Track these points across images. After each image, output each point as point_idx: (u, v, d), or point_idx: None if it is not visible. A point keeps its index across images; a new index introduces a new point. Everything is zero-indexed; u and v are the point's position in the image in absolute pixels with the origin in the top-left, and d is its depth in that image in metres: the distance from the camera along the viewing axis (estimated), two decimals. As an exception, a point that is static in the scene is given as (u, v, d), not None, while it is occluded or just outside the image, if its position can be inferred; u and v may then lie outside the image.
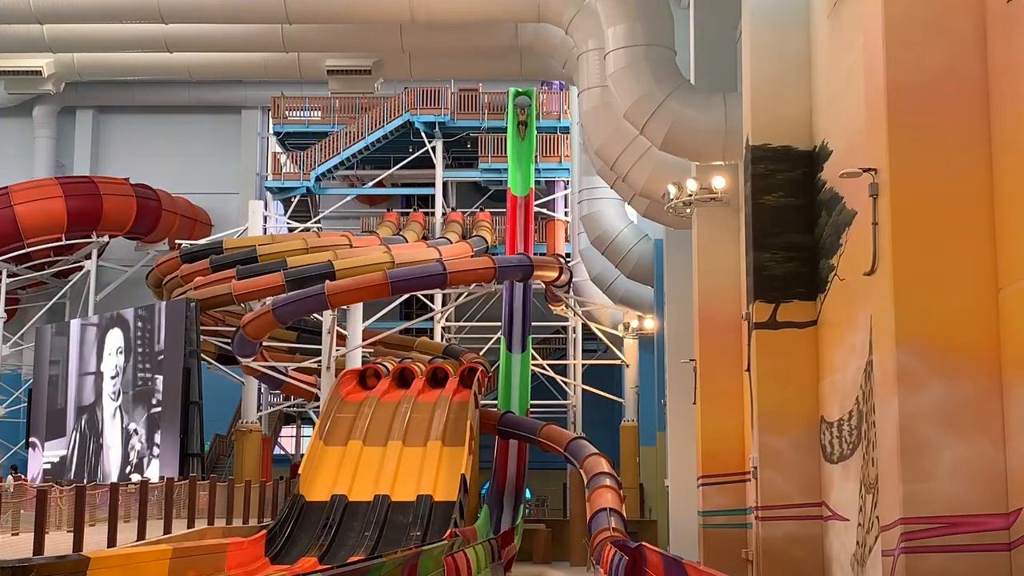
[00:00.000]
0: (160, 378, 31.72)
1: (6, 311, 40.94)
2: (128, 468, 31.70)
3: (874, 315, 11.07)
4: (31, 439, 36.16)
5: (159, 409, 31.51)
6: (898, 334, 10.03)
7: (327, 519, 23.90)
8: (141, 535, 18.10)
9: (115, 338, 33.68)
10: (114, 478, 30.30)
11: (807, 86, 15.85)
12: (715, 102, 19.66)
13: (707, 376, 20.35)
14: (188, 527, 20.47)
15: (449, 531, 21.64)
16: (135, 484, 20.47)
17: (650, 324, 32.94)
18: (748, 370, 16.29)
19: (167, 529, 19.34)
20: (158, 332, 32.22)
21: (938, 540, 9.72)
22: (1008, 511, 9.62)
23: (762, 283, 15.34)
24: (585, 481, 26.66)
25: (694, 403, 21.21)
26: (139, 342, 32.95)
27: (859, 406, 13.15)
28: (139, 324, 33.05)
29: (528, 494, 36.94)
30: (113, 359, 33.39)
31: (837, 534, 14.20)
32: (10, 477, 26.53)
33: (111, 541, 16.90)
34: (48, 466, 34.53)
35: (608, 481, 25.76)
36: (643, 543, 17.57)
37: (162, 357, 31.80)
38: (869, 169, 10.80)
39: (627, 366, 37.89)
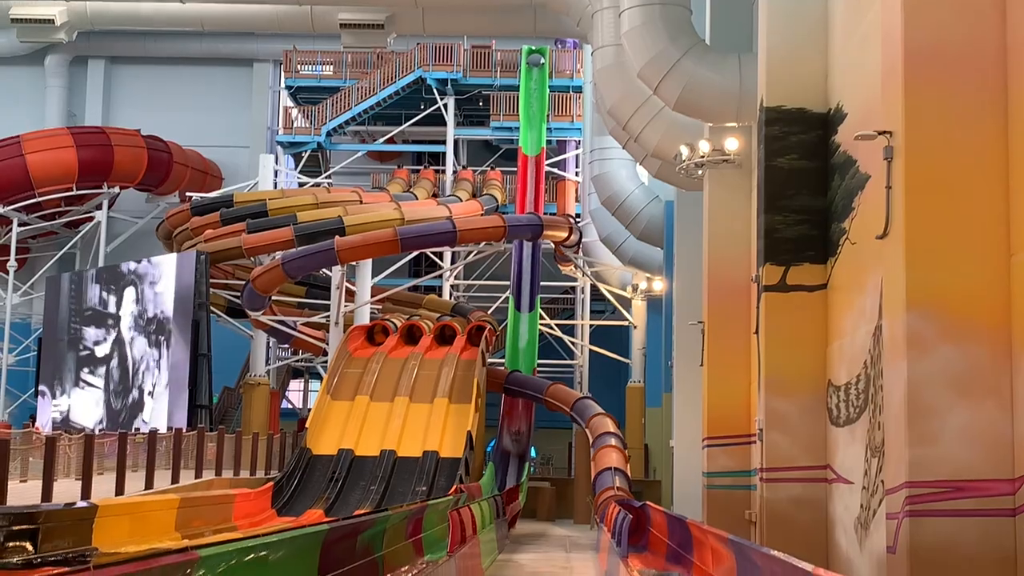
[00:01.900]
0: (170, 330, 31.88)
1: (16, 260, 41.06)
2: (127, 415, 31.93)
3: (885, 279, 11.04)
4: (40, 388, 36.40)
5: (168, 359, 31.69)
6: (909, 298, 10.01)
7: (333, 472, 24.05)
8: (149, 484, 18.24)
9: (129, 289, 33.84)
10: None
11: (823, 48, 15.73)
12: (730, 63, 19.53)
13: (715, 338, 20.37)
14: (196, 477, 20.63)
15: (454, 487, 21.76)
16: (143, 434, 20.60)
17: (659, 286, 32.93)
18: (756, 333, 16.28)
19: (175, 479, 19.49)
20: (167, 284, 32.36)
21: (943, 504, 9.75)
22: (1014, 477, 9.64)
23: (773, 246, 15.29)
24: (590, 440, 26.76)
25: (701, 365, 21.24)
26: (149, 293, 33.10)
27: (867, 370, 13.14)
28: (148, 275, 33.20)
29: (533, 452, 37.13)
30: (129, 308, 33.64)
31: (841, 497, 14.24)
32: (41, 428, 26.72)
33: (119, 490, 17.05)
34: (57, 415, 34.78)
35: (613, 441, 25.86)
36: (647, 502, 17.67)
37: (172, 309, 31.95)
38: (884, 132, 10.73)
39: (635, 327, 37.92)
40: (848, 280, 14.24)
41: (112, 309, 34.19)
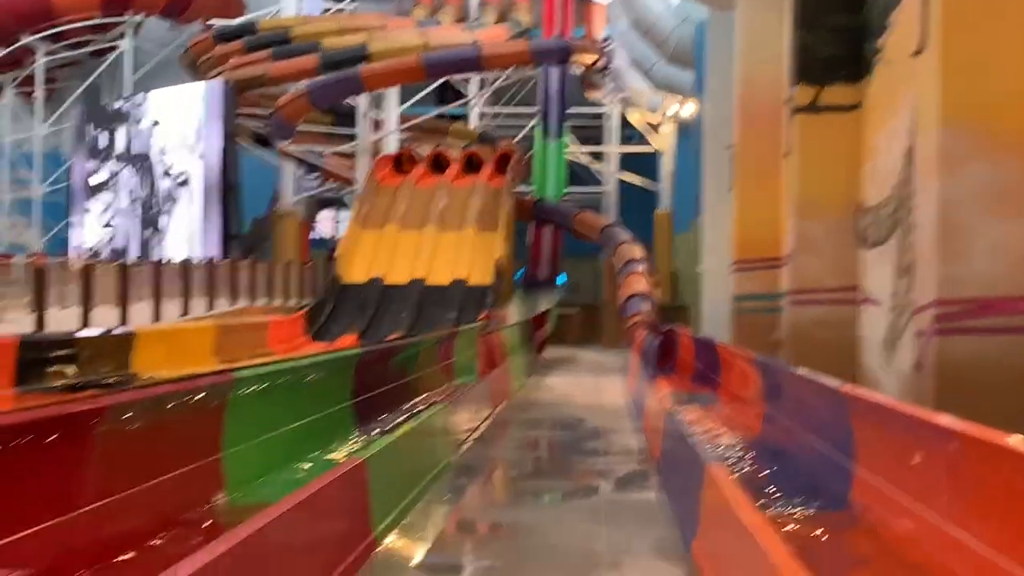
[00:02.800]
0: (197, 158, 31.98)
1: (44, 91, 40.90)
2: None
3: (919, 96, 10.84)
4: (73, 218, 36.80)
5: (194, 188, 31.89)
6: (943, 115, 9.84)
7: (364, 300, 24.34)
8: (185, 312, 18.56)
9: (156, 118, 33.85)
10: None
11: None
12: None
13: (745, 162, 20.17)
14: (230, 305, 20.95)
15: (484, 314, 22.02)
16: (177, 264, 20.83)
17: (688, 110, 32.51)
18: (787, 155, 16.12)
19: (210, 307, 19.80)
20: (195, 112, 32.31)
21: (972, 322, 9.77)
22: (1045, 294, 9.62)
23: (806, 65, 15.00)
24: (618, 267, 26.89)
25: (730, 190, 21.11)
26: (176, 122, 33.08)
27: (898, 191, 13.03)
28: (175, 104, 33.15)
29: (561, 279, 37.37)
30: (159, 140, 33.81)
31: (869, 318, 14.30)
32: (72, 255, 27.07)
33: (155, 317, 17.36)
34: (94, 242, 35.34)
35: (641, 268, 26.00)
36: (676, 326, 17.83)
37: (200, 138, 31.99)
38: (923, -57, 10.38)
39: (663, 153, 37.62)
40: (882, 100, 13.99)
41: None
